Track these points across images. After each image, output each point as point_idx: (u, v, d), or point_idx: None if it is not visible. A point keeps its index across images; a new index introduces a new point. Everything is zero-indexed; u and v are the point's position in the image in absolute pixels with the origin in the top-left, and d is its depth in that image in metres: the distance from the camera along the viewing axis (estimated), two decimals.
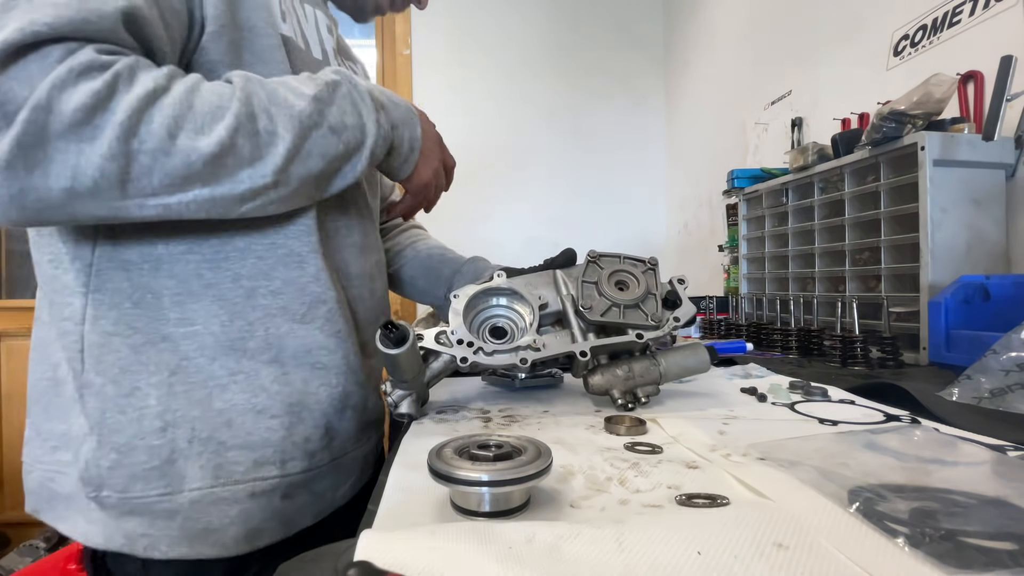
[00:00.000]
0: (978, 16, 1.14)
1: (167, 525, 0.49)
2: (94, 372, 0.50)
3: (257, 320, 0.53)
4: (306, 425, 0.55)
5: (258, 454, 0.52)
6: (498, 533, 0.27)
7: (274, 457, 0.53)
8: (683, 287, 0.66)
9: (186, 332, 0.51)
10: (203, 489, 0.50)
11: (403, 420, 0.58)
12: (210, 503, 0.50)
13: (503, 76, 2.68)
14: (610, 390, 0.61)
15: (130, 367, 0.50)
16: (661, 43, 2.83)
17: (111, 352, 0.50)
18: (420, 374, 0.58)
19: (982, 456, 0.41)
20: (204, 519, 0.50)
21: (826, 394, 0.66)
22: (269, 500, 0.53)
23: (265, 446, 0.53)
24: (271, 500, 0.53)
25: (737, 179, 1.63)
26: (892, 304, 0.98)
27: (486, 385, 0.77)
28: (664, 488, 0.36)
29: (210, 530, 0.50)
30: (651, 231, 2.80)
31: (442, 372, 0.61)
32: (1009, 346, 0.62)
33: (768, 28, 1.95)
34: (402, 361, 0.53)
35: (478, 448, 0.35)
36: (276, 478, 0.53)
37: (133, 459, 0.49)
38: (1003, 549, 0.26)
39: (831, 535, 0.28)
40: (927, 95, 0.93)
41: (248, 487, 0.51)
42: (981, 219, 0.97)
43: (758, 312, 1.33)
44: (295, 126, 0.47)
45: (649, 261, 0.66)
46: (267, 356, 0.54)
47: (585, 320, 0.62)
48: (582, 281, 0.63)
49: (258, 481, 0.52)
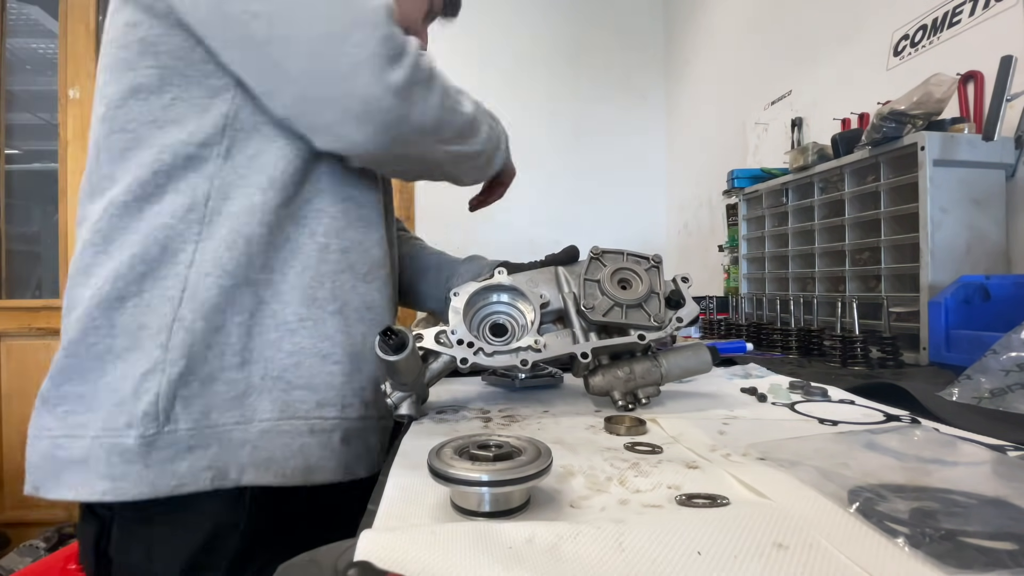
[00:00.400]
0: (978, 16, 1.14)
1: (237, 453, 0.53)
2: (188, 309, 0.54)
3: (326, 274, 0.60)
4: (363, 375, 0.61)
5: (320, 396, 0.57)
6: (498, 533, 0.27)
7: (335, 400, 0.58)
8: (687, 286, 0.65)
9: (266, 279, 0.57)
10: (271, 421, 0.55)
11: (403, 420, 0.58)
12: (276, 434, 0.55)
13: (503, 76, 2.68)
14: (611, 391, 0.61)
15: (219, 305, 0.55)
16: (661, 43, 2.83)
17: (204, 291, 0.54)
18: (420, 376, 0.58)
19: (982, 456, 0.41)
20: (269, 448, 0.54)
21: (826, 394, 0.66)
22: (329, 439, 0.57)
23: (328, 389, 0.58)
24: (330, 439, 0.57)
25: (737, 179, 1.63)
26: (892, 304, 0.98)
27: (486, 385, 0.77)
28: (664, 488, 0.36)
29: (273, 460, 0.54)
30: (651, 231, 2.80)
31: (442, 372, 0.61)
32: (1009, 346, 0.62)
33: (768, 28, 1.95)
34: (402, 367, 0.53)
35: (478, 448, 0.35)
36: (336, 419, 0.58)
37: (214, 389, 0.54)
38: (1003, 549, 0.26)
39: (831, 535, 0.28)
40: (927, 95, 0.93)
41: (310, 423, 0.56)
42: (981, 219, 0.97)
43: (758, 312, 1.33)
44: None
45: (653, 258, 0.65)
46: (333, 307, 0.60)
47: (587, 320, 0.61)
48: (584, 279, 0.62)
49: (319, 420, 0.57)
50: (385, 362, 0.52)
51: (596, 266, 0.64)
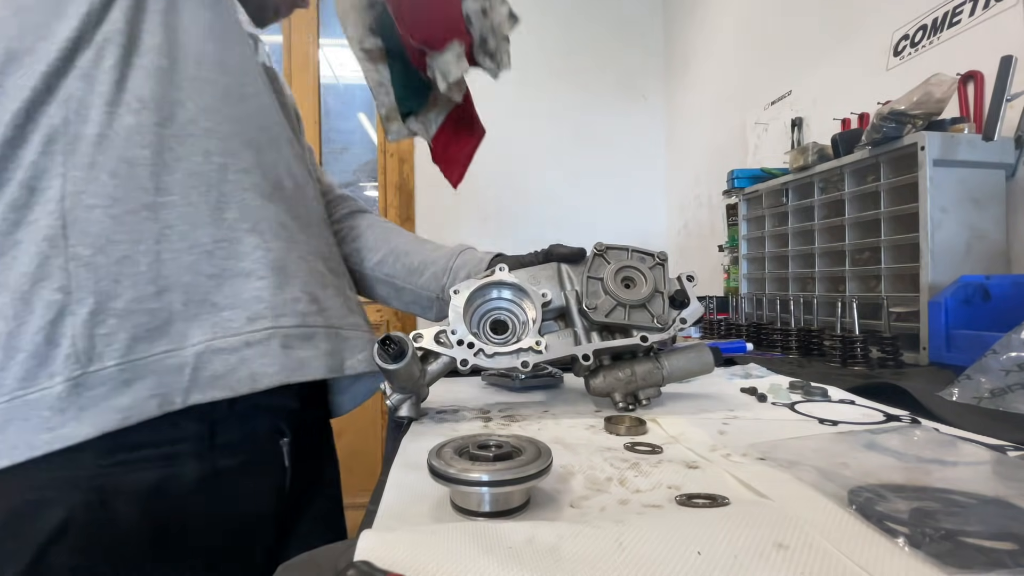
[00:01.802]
0: (978, 16, 1.14)
1: (177, 378, 0.52)
2: (81, 245, 0.51)
3: (231, 192, 0.57)
4: (293, 288, 0.58)
5: (251, 311, 0.55)
6: (498, 533, 0.27)
7: (266, 312, 0.56)
8: (692, 284, 0.63)
9: (166, 202, 0.54)
10: (204, 342, 0.53)
11: (402, 422, 0.58)
12: (212, 353, 0.53)
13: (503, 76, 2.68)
14: (611, 392, 0.61)
15: (115, 236, 0.52)
16: (661, 43, 2.83)
17: (95, 223, 0.51)
18: (420, 377, 0.58)
19: (982, 456, 0.41)
20: (209, 367, 0.52)
21: (826, 394, 0.66)
22: (266, 347, 0.55)
23: (257, 303, 0.56)
24: (268, 347, 0.55)
25: (737, 179, 1.63)
26: (892, 304, 0.98)
27: (486, 385, 0.77)
28: (664, 488, 0.36)
29: (216, 376, 0.53)
30: (651, 231, 2.80)
31: (441, 372, 0.60)
32: (1009, 346, 0.62)
33: (768, 28, 1.95)
34: (401, 374, 0.53)
35: (478, 448, 0.35)
36: (269, 328, 0.55)
37: (134, 321, 0.51)
38: (1003, 549, 0.26)
39: (831, 535, 0.28)
40: (927, 95, 0.93)
41: (244, 338, 0.54)
42: (981, 219, 0.97)
43: (758, 312, 1.33)
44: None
45: (658, 255, 0.63)
46: (246, 226, 0.57)
47: (589, 320, 0.60)
48: (587, 276, 0.61)
49: (253, 332, 0.55)
50: (386, 372, 0.52)
51: (600, 263, 0.62)
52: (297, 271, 0.59)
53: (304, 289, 0.59)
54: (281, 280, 0.58)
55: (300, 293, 0.59)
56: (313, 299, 0.60)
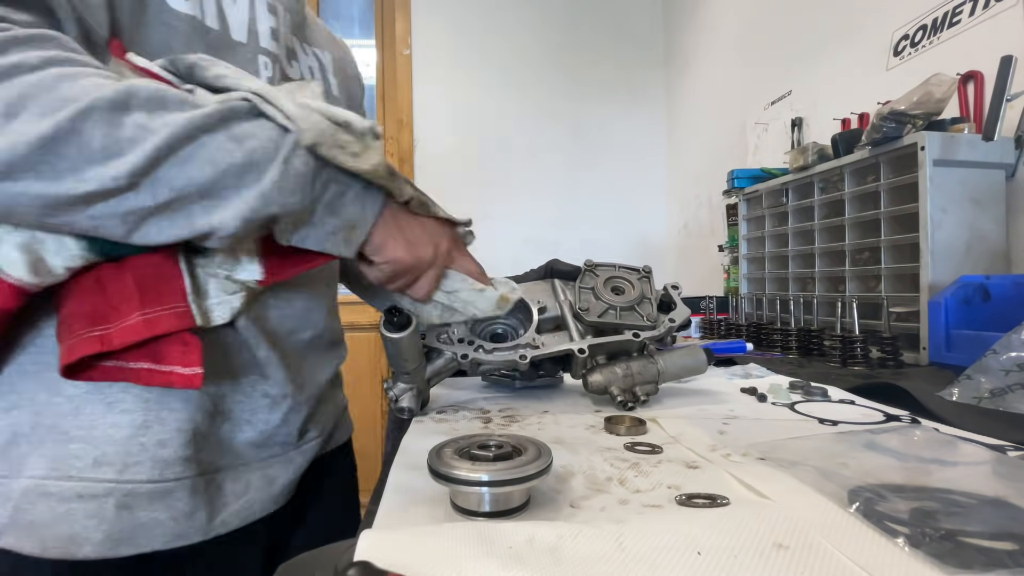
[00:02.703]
0: (978, 16, 1.14)
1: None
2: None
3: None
4: (165, 426, 0.48)
5: (100, 451, 0.46)
6: (498, 533, 0.27)
7: (115, 457, 0.46)
8: (677, 292, 0.69)
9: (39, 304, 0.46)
10: (37, 479, 0.45)
11: (403, 416, 0.58)
12: (40, 495, 0.45)
13: (503, 76, 2.68)
14: (609, 387, 0.61)
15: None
16: (661, 43, 2.83)
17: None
18: (421, 366, 0.58)
19: (982, 456, 0.41)
20: (32, 511, 0.45)
21: (826, 394, 0.66)
22: (100, 506, 0.46)
23: (108, 442, 0.46)
24: (101, 507, 0.46)
25: (737, 179, 1.63)
26: (892, 304, 0.98)
27: (486, 385, 0.77)
28: (664, 488, 0.36)
29: (35, 525, 0.45)
30: (651, 231, 2.80)
31: (443, 371, 0.61)
32: (1009, 346, 0.62)
33: (768, 28, 1.95)
34: (405, 347, 0.54)
35: (478, 448, 0.35)
36: (111, 482, 0.46)
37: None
38: (1003, 549, 0.26)
39: (831, 535, 0.28)
40: (927, 95, 0.93)
41: (80, 486, 0.46)
42: (981, 219, 0.97)
43: (758, 312, 1.33)
44: (181, 124, 0.38)
45: (643, 269, 0.69)
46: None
47: (583, 322, 0.63)
48: (579, 287, 0.65)
49: (91, 482, 0.46)
50: (389, 342, 0.53)
51: (590, 276, 0.67)
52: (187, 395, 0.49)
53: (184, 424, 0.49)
54: (151, 416, 0.48)
55: (172, 433, 0.48)
56: (191, 439, 0.49)
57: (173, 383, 0.44)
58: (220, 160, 0.40)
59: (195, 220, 0.40)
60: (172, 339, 0.45)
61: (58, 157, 0.36)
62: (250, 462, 0.54)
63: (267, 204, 0.41)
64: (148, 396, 0.48)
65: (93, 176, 0.36)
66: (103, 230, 0.39)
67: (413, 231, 0.52)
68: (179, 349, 0.44)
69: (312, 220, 0.45)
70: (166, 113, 0.39)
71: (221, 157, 0.40)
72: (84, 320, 0.43)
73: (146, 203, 0.38)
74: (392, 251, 0.50)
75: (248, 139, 0.41)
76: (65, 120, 0.35)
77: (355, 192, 0.47)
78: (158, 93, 0.39)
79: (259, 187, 0.41)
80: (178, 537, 0.49)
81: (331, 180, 0.45)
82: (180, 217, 0.40)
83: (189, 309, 0.46)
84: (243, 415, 0.54)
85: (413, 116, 2.59)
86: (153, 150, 0.37)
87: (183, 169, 0.39)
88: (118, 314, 0.43)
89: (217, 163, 0.39)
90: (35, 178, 0.35)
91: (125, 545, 0.47)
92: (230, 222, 0.41)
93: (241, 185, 0.40)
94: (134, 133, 0.37)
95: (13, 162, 0.35)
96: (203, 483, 0.50)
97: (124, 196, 0.38)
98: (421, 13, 2.61)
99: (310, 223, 0.46)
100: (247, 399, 0.54)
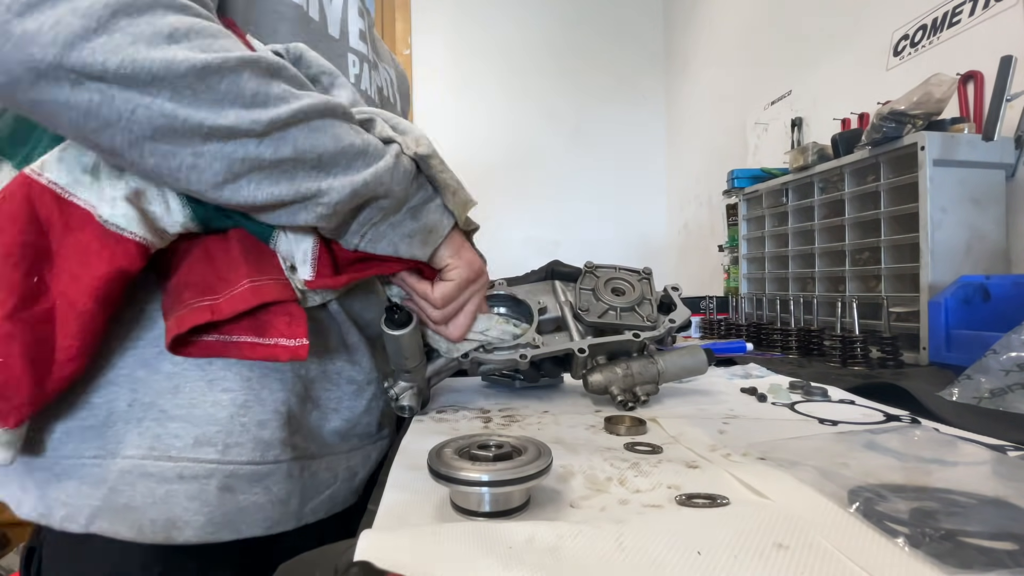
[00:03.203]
0: (978, 16, 1.14)
1: (92, 493, 0.44)
2: None
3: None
4: (265, 407, 0.48)
5: (200, 430, 0.45)
6: (498, 533, 0.27)
7: (216, 438, 0.45)
8: (677, 294, 0.69)
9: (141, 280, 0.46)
10: (134, 459, 0.44)
11: (404, 415, 0.58)
12: (138, 476, 0.44)
13: (503, 76, 2.69)
14: (609, 387, 0.61)
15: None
16: (661, 43, 2.83)
17: None
18: (422, 365, 0.58)
19: (982, 456, 0.41)
20: (128, 493, 0.44)
21: (826, 394, 0.66)
22: (202, 488, 0.45)
23: (209, 422, 0.46)
24: (203, 488, 0.45)
25: (737, 179, 1.63)
26: (892, 304, 0.98)
27: (486, 385, 0.77)
28: (664, 488, 0.36)
29: (131, 507, 0.44)
30: (651, 231, 2.80)
31: (443, 370, 0.61)
32: (1009, 346, 0.62)
33: (768, 28, 1.95)
34: (406, 344, 0.54)
35: (478, 448, 0.35)
36: (213, 463, 0.45)
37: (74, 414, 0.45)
38: (1003, 549, 0.26)
39: (831, 535, 0.28)
40: (927, 95, 0.93)
41: (179, 467, 0.44)
42: (981, 219, 0.97)
43: (758, 312, 1.33)
44: (318, 102, 0.42)
45: (643, 271, 0.69)
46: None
47: (583, 322, 0.64)
48: (580, 288, 0.66)
49: (191, 463, 0.45)
50: (390, 339, 0.53)
51: (590, 278, 0.68)
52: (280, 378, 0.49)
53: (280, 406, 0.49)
54: (251, 396, 0.47)
55: (271, 414, 0.48)
56: (289, 420, 0.49)
57: (278, 356, 0.43)
58: (343, 138, 0.43)
59: (299, 184, 0.42)
60: (277, 310, 0.45)
61: (207, 88, 0.36)
62: (338, 452, 0.55)
63: (377, 183, 0.45)
64: (249, 375, 0.48)
65: (232, 114, 0.37)
66: (196, 171, 0.39)
67: (470, 254, 0.56)
68: (284, 320, 0.44)
69: (394, 219, 0.49)
70: (305, 91, 0.42)
71: (345, 136, 0.43)
72: (193, 290, 0.43)
73: (264, 154, 0.39)
74: (456, 264, 0.54)
75: (367, 133, 0.46)
76: (233, 60, 0.37)
77: (437, 204, 0.51)
78: (299, 76, 0.43)
79: (374, 168, 0.44)
80: (275, 523, 0.48)
81: (423, 187, 0.50)
82: (284, 179, 0.41)
83: (289, 282, 0.47)
84: (330, 403, 0.54)
85: (413, 116, 2.59)
86: (295, 111, 0.40)
87: (312, 135, 0.41)
88: (226, 283, 0.44)
89: (340, 139, 0.43)
90: (170, 98, 0.36)
91: (226, 529, 0.46)
92: (341, 188, 0.43)
93: (352, 166, 0.44)
94: (282, 92, 0.40)
95: (163, 77, 0.35)
96: (298, 468, 0.50)
97: (248, 141, 0.39)
98: (421, 13, 2.61)
99: (391, 222, 0.49)
100: (334, 387, 0.55)
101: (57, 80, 0.34)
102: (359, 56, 0.62)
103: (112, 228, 0.41)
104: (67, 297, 0.40)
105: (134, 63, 0.34)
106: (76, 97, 0.34)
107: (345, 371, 0.56)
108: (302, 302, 0.47)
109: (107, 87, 0.34)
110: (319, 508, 0.52)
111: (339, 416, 0.55)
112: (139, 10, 0.35)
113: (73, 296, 0.40)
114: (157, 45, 0.35)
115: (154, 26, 0.35)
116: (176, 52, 0.35)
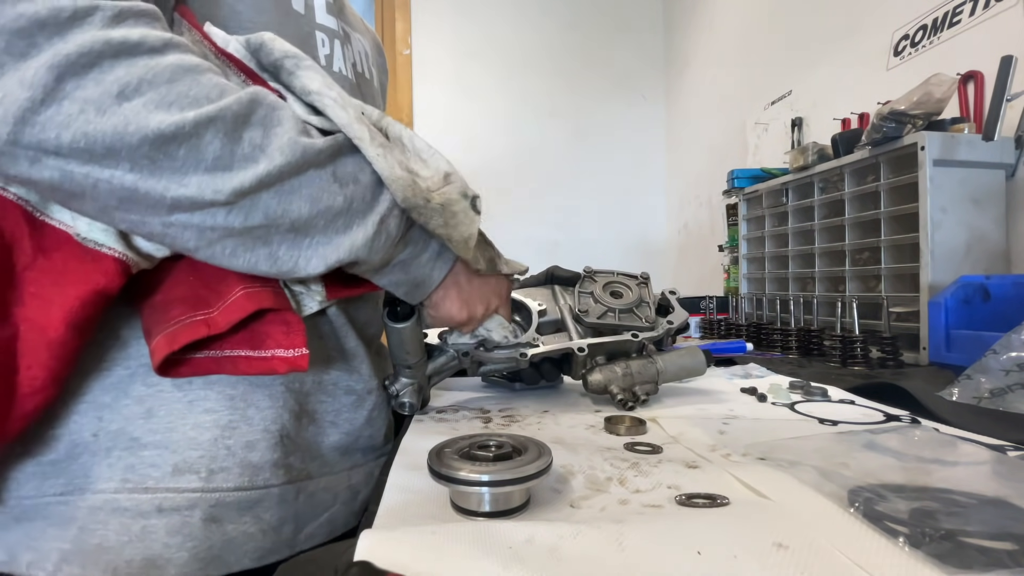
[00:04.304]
0: (978, 16, 1.14)
1: (61, 534, 0.40)
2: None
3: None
4: (252, 426, 0.44)
5: (179, 457, 0.42)
6: (498, 533, 0.27)
7: (199, 463, 0.42)
8: (674, 297, 0.71)
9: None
10: (106, 493, 0.40)
11: (404, 412, 0.58)
12: (110, 513, 0.40)
13: (503, 76, 2.68)
14: (608, 386, 0.61)
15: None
16: (661, 43, 2.83)
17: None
18: (423, 361, 0.58)
19: (982, 456, 0.41)
20: (100, 532, 0.40)
21: (826, 394, 0.66)
22: (184, 520, 0.41)
23: (190, 447, 0.42)
24: (186, 520, 0.41)
25: (737, 179, 1.63)
26: (892, 304, 0.98)
27: (486, 385, 0.77)
28: (664, 488, 0.36)
29: (104, 548, 0.40)
30: (651, 231, 2.80)
31: (443, 369, 0.61)
32: (1009, 346, 0.62)
33: (768, 28, 1.95)
34: (407, 337, 0.54)
35: (478, 448, 0.35)
36: (196, 491, 0.41)
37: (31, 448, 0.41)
38: (1003, 549, 0.26)
39: (831, 535, 0.28)
40: (927, 95, 0.93)
41: (158, 499, 0.41)
42: (981, 219, 0.97)
43: (758, 312, 1.33)
44: (295, 153, 0.37)
45: (641, 276, 0.71)
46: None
47: (583, 324, 0.65)
48: (578, 292, 0.67)
49: (171, 493, 0.41)
50: (392, 332, 0.54)
51: (589, 282, 0.69)
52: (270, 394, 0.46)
53: (271, 424, 0.45)
54: (236, 415, 0.44)
55: (259, 434, 0.44)
56: (278, 441, 0.45)
57: (275, 369, 0.41)
58: (320, 200, 0.39)
59: (276, 252, 0.39)
60: (273, 320, 0.42)
61: (165, 156, 0.33)
62: (337, 471, 0.51)
63: (352, 256, 0.41)
64: (232, 392, 0.44)
65: (195, 183, 0.34)
66: (169, 239, 0.37)
67: (472, 291, 0.53)
68: (281, 330, 0.42)
69: (382, 271, 0.46)
70: (282, 133, 0.37)
71: (322, 197, 0.39)
72: (183, 305, 0.40)
73: (234, 223, 0.36)
74: (447, 309, 0.51)
75: (349, 183, 0.40)
76: (189, 123, 0.33)
77: (429, 255, 0.48)
78: (275, 107, 0.38)
79: (350, 239, 0.40)
80: (268, 553, 0.45)
81: (412, 241, 0.46)
82: (260, 246, 0.38)
83: (283, 291, 0.44)
84: (327, 416, 0.51)
85: (413, 116, 2.59)
86: (264, 174, 0.36)
87: (284, 200, 0.38)
88: (218, 295, 0.41)
89: (317, 202, 0.39)
90: (129, 169, 0.33)
91: (213, 565, 0.42)
92: (315, 266, 0.40)
93: (331, 229, 0.40)
94: (249, 151, 0.36)
95: (116, 148, 0.32)
96: (292, 491, 0.46)
97: (216, 211, 0.36)
98: (421, 13, 2.61)
99: (379, 272, 0.46)
100: (331, 398, 0.51)
101: (15, 158, 0.31)
102: (328, 33, 0.57)
103: (91, 245, 0.38)
104: (35, 323, 0.36)
105: (86, 136, 0.31)
106: (37, 174, 0.32)
107: (342, 381, 0.52)
108: (298, 310, 0.45)
109: (65, 162, 0.32)
110: (316, 533, 0.49)
111: (338, 430, 0.52)
112: (84, 67, 0.31)
113: (43, 322, 0.36)
114: (107, 109, 0.32)
115: (102, 85, 0.32)
116: (128, 115, 0.32)
